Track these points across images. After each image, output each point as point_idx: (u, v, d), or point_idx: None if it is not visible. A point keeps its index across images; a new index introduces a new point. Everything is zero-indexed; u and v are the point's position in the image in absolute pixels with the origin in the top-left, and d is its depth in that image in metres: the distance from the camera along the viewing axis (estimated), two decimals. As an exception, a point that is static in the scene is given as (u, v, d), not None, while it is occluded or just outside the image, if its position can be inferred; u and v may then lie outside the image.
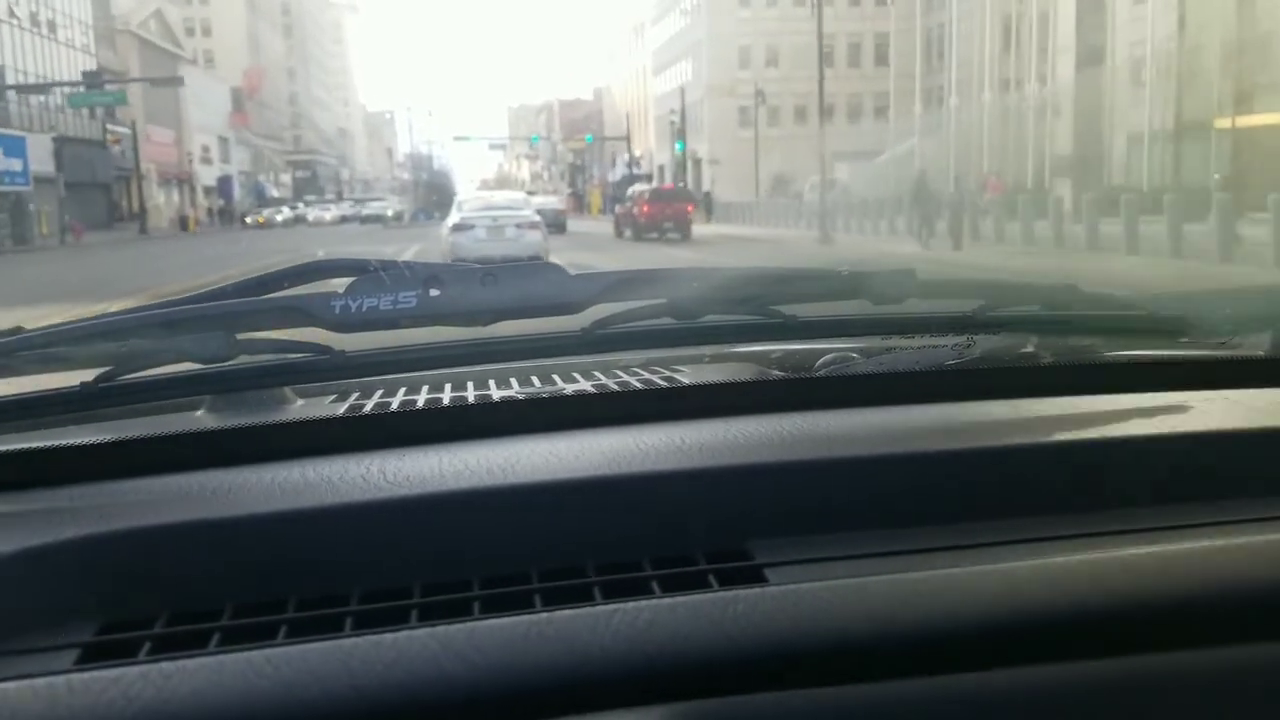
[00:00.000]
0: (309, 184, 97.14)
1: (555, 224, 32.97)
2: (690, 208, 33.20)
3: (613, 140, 68.11)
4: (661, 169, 65.61)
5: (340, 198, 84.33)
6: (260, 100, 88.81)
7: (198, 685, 0.70)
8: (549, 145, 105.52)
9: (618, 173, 71.64)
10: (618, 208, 37.57)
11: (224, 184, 61.77)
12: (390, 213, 50.89)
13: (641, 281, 1.21)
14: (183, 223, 48.39)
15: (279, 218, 53.78)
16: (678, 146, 43.09)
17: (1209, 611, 0.82)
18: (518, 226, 17.46)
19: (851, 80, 57.94)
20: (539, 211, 20.17)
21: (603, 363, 1.44)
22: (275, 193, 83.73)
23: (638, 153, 68.57)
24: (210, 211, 59.36)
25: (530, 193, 57.40)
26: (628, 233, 32.07)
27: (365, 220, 50.33)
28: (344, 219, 56.31)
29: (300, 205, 63.01)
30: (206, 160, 65.92)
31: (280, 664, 0.71)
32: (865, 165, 43.53)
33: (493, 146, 62.59)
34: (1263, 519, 0.94)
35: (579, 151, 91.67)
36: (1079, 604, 0.81)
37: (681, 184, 43.08)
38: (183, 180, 61.18)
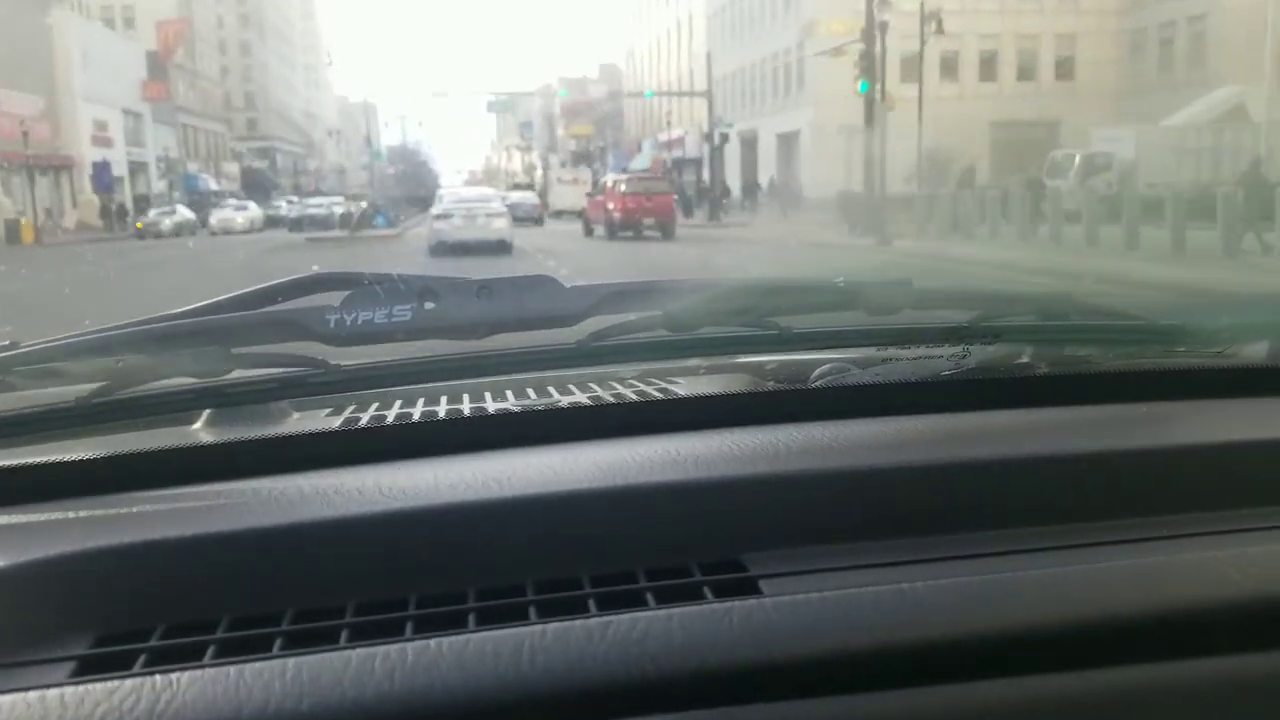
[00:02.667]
0: (264, 175, 79.88)
1: (531, 218, 32.71)
2: (673, 201, 27.64)
3: (670, 96, 50.73)
4: (721, 149, 48.14)
5: (297, 190, 67.84)
6: (195, 70, 71.57)
7: (193, 698, 0.70)
8: (547, 132, 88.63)
9: (645, 159, 54.50)
10: (587, 201, 30.63)
11: (101, 172, 44.13)
12: (341, 212, 34.39)
13: (637, 293, 1.22)
14: (10, 230, 31.90)
15: (167, 222, 36.80)
16: (860, 87, 25.59)
17: (1207, 622, 0.82)
18: (487, 215, 21.56)
19: (1023, 17, 39.31)
20: (515, 205, 27.77)
21: (598, 375, 1.43)
22: (215, 185, 66.36)
23: (679, 131, 51.19)
24: (107, 210, 42.54)
25: (528, 186, 53.30)
26: (599, 230, 26.94)
27: (296, 226, 34.12)
28: (273, 222, 39.63)
29: (232, 202, 45.89)
30: (102, 141, 49.06)
31: (276, 676, 0.72)
32: (1152, 133, 27.36)
33: (492, 108, 47.51)
34: (1262, 529, 0.94)
35: (584, 138, 74.76)
36: (1074, 614, 0.81)
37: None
38: (60, 167, 44.36)
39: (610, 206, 26.19)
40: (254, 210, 42.90)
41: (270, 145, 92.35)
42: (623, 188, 26.60)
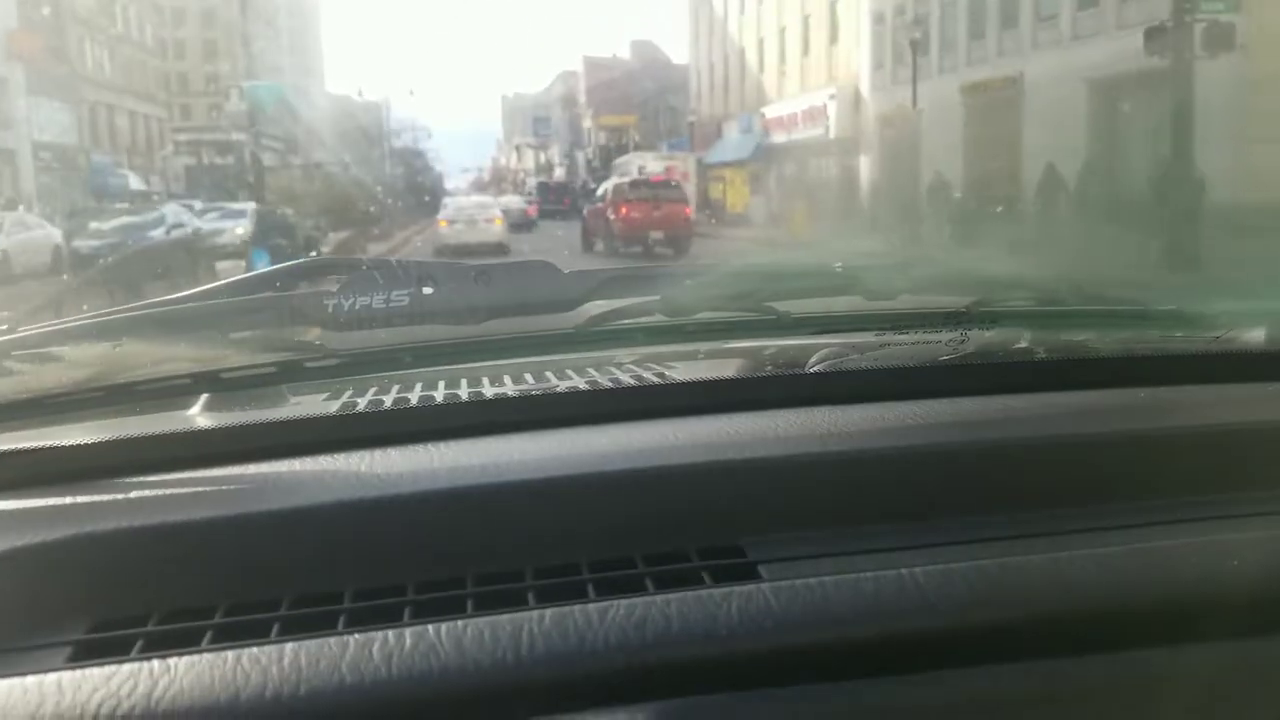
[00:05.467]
0: (221, 173, 61.94)
1: (523, 223, 32.73)
2: (687, 209, 21.99)
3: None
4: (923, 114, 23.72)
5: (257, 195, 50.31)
6: (117, 34, 53.95)
7: (190, 683, 0.71)
8: (567, 124, 72.05)
9: (735, 147, 36.70)
10: (586, 209, 25.28)
11: None
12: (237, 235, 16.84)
13: (635, 279, 1.24)
14: None
15: None
16: None
17: (1208, 605, 0.82)
18: (486, 221, 23.47)
19: None
20: (505, 211, 27.42)
21: (596, 360, 1.42)
22: (141, 183, 48.50)
23: (808, 100, 33.09)
24: None
25: (559, 186, 46.84)
26: (599, 245, 21.92)
27: (82, 267, 16.47)
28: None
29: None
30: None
31: (273, 661, 0.72)
32: None
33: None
34: (1260, 513, 0.95)
35: (617, 130, 57.44)
36: (1075, 598, 0.82)
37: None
38: None
39: (611, 216, 21.53)
40: (22, 233, 19.29)
41: (234, 138, 74.68)
42: (626, 193, 22.03)
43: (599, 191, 24.93)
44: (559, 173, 63.81)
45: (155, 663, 0.72)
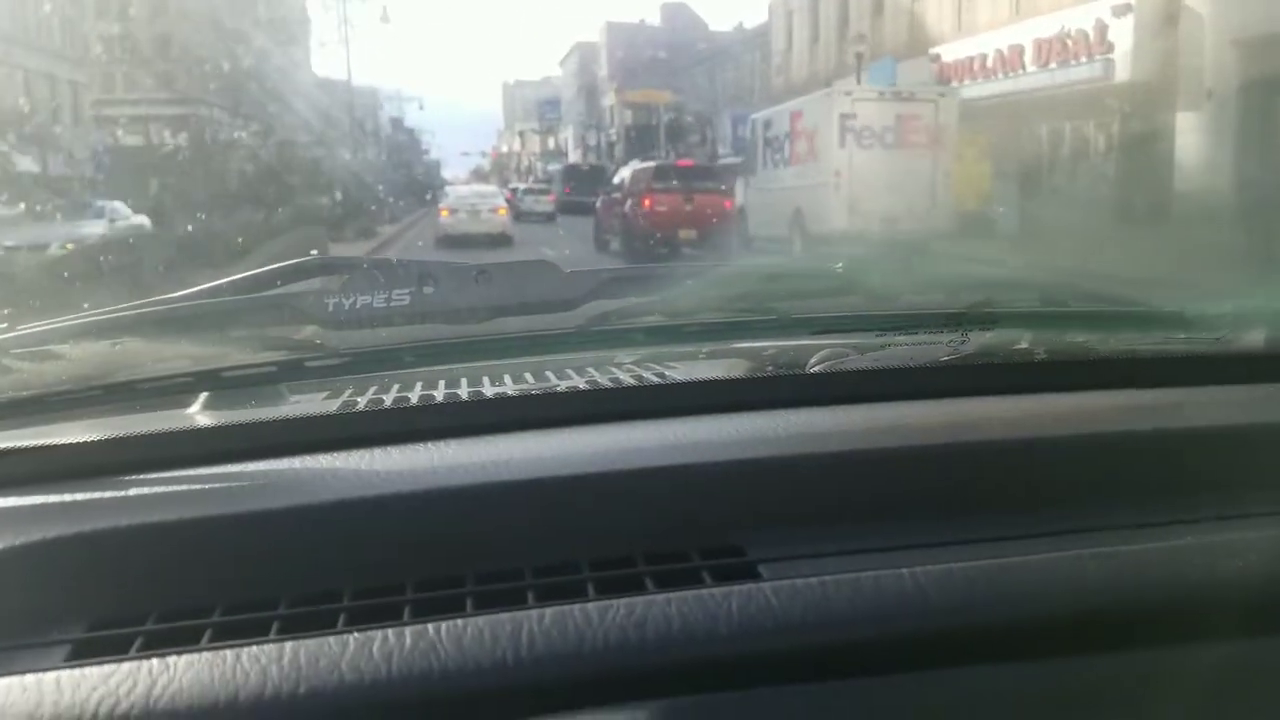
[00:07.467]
0: (172, 159, 49.27)
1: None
2: (727, 203, 17.46)
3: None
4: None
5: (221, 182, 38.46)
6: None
7: (189, 681, 0.71)
8: (581, 101, 63.02)
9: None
10: (600, 200, 21.12)
11: None
12: None
13: (636, 279, 1.25)
14: None
15: None
16: None
17: (1207, 606, 0.82)
18: (490, 211, 23.06)
19: None
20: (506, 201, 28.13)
21: (597, 359, 1.43)
22: (32, 165, 35.88)
23: (1000, 42, 20.28)
24: None
25: (591, 171, 40.89)
26: (615, 244, 18.29)
27: None
28: None
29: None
30: None
31: (273, 660, 0.72)
32: None
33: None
34: (1260, 514, 0.95)
35: (645, 107, 46.42)
36: (1074, 599, 0.82)
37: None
38: None
39: (629, 211, 17.16)
40: None
41: (190, 113, 61.60)
42: (650, 182, 17.17)
43: (615, 179, 20.91)
44: (574, 157, 55.68)
45: (154, 661, 0.72)
